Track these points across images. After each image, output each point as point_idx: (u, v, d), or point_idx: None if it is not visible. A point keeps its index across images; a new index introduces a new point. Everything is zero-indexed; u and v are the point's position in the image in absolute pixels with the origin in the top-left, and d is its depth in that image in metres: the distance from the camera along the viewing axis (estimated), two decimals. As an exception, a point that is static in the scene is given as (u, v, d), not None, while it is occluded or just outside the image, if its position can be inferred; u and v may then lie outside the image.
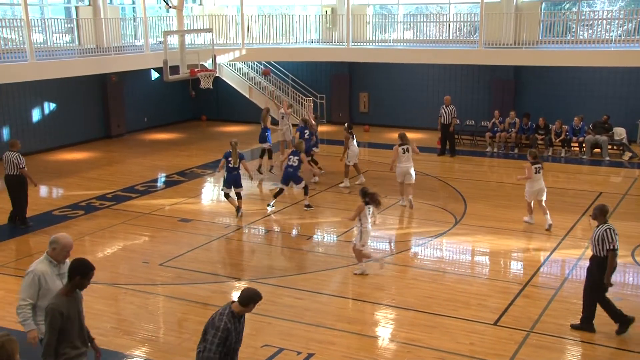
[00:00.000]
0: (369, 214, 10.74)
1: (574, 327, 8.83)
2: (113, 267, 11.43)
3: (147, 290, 10.34)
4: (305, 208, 14.36)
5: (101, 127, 22.85)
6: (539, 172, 13.10)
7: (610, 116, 19.57)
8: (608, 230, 8.43)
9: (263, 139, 17.53)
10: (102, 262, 11.71)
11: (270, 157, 17.94)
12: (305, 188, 14.46)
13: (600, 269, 8.51)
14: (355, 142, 16.20)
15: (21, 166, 13.00)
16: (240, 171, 13.88)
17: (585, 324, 8.77)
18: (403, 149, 14.32)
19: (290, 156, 14.38)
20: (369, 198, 10.66)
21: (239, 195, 13.97)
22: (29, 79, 17.92)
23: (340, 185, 16.23)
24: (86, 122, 22.21)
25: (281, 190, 14.49)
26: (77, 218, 14.06)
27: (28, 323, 6.34)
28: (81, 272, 5.77)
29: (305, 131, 16.79)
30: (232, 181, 13.81)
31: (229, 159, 13.72)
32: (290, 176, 14.34)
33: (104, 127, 22.90)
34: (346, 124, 16.60)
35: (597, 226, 8.64)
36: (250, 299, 6.15)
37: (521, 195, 15.49)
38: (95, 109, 22.55)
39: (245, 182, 14.26)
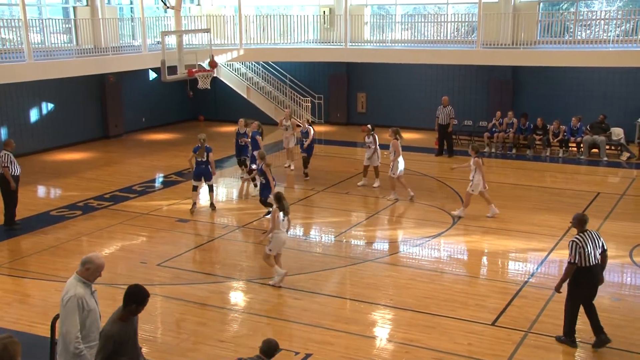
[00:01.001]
0: (282, 220, 10.28)
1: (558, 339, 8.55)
2: (111, 267, 11.38)
3: (145, 291, 10.32)
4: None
5: (99, 128, 22.82)
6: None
7: (607, 116, 19.59)
8: (572, 242, 8.15)
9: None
10: (100, 262, 11.70)
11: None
12: (210, 186, 14.40)
13: (572, 278, 8.27)
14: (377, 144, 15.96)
15: (4, 165, 12.80)
16: (209, 165, 14.17)
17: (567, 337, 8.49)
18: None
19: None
20: (280, 205, 10.20)
21: (210, 187, 14.40)
22: (27, 79, 17.89)
23: (374, 185, 16.10)
24: (84, 122, 22.19)
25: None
26: (74, 218, 14.04)
27: (84, 355, 6.01)
28: (138, 301, 5.87)
29: (258, 137, 15.76)
30: (201, 174, 14.18)
31: (197, 152, 14.18)
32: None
33: (102, 128, 22.88)
34: (369, 125, 16.27)
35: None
36: (274, 349, 6.53)
37: (520, 196, 15.55)
38: (93, 109, 22.52)
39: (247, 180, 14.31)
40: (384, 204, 14.75)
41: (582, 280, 8.22)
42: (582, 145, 19.44)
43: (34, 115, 20.63)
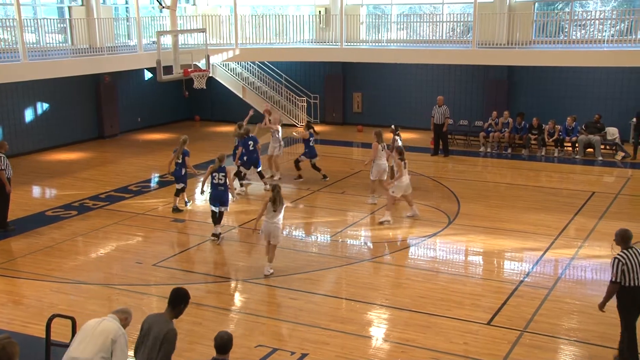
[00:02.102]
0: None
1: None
2: (106, 267, 11.40)
3: (140, 291, 10.32)
4: (214, 238, 12.53)
5: (94, 128, 22.77)
6: (406, 167, 13.60)
7: (602, 115, 19.64)
8: (615, 259, 7.62)
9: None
10: (95, 262, 11.69)
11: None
12: (221, 214, 12.73)
13: (619, 301, 7.74)
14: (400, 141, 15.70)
15: (0, 168, 12.63)
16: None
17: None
18: (382, 146, 14.31)
19: (215, 173, 12.48)
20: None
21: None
22: (22, 79, 17.86)
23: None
24: (79, 122, 22.13)
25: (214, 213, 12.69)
26: (70, 218, 14.01)
27: None
28: (186, 301, 6.32)
29: (250, 142, 15.51)
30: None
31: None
32: (219, 195, 12.54)
33: (97, 128, 22.83)
34: (392, 126, 16.07)
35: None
36: (227, 342, 6.09)
37: (515, 195, 15.58)
38: (88, 109, 22.47)
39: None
40: (380, 204, 14.75)
41: (627, 302, 7.65)
42: (577, 145, 19.49)
43: (29, 115, 20.56)
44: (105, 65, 19.83)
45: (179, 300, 6.26)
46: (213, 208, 12.56)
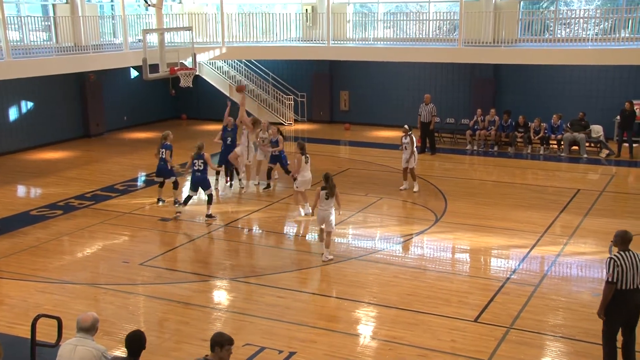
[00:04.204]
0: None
1: None
2: (92, 267, 11.33)
3: (127, 290, 10.27)
4: (207, 218, 13.67)
5: (80, 126, 22.61)
6: (308, 162, 13.77)
7: (586, 113, 19.79)
8: (610, 259, 7.45)
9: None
10: (82, 262, 11.62)
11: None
12: (210, 196, 13.81)
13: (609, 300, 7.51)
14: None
15: None
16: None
17: None
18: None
19: (195, 160, 13.63)
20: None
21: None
22: (6, 77, 17.63)
23: (414, 190, 15.53)
24: (65, 121, 21.97)
25: (189, 197, 13.93)
26: (55, 218, 13.90)
27: None
28: (144, 342, 5.97)
29: (228, 138, 15.86)
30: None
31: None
32: (198, 181, 13.72)
33: (83, 126, 22.67)
34: (406, 125, 15.75)
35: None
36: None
37: (501, 193, 15.66)
38: (73, 107, 22.31)
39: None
40: (367, 202, 14.77)
41: (619, 302, 7.44)
42: (562, 143, 19.63)
43: (13, 114, 20.38)
44: (91, 64, 19.67)
45: (138, 344, 5.87)
46: (191, 193, 13.84)
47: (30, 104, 20.90)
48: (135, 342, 5.87)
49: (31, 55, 18.02)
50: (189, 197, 13.95)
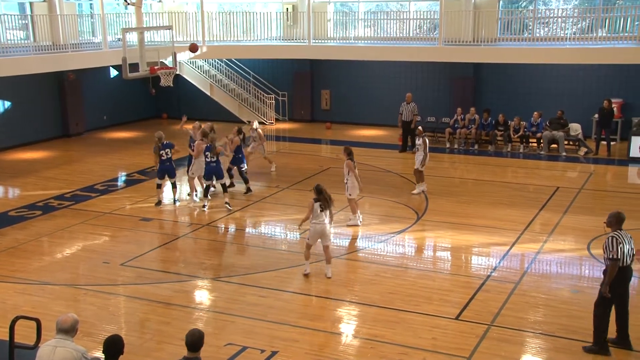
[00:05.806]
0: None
1: (586, 349, 8.15)
2: (72, 268, 11.23)
3: (108, 291, 10.19)
4: (226, 205, 14.34)
5: (59, 126, 22.38)
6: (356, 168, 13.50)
7: (565, 112, 20.00)
8: (611, 237, 7.75)
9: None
10: (62, 263, 11.51)
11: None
12: (224, 185, 14.64)
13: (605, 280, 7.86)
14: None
15: None
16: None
17: (598, 346, 8.08)
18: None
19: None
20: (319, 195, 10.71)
21: (174, 184, 14.73)
22: (-18, 76, 17.46)
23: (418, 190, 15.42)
24: (43, 120, 21.74)
25: (208, 187, 14.55)
26: (34, 218, 13.76)
27: None
28: (122, 347, 5.90)
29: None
30: (164, 172, 14.50)
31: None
32: (212, 170, 14.40)
33: (62, 126, 22.45)
34: (419, 127, 15.75)
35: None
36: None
37: (482, 191, 15.78)
38: (52, 107, 22.08)
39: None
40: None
41: (619, 279, 7.77)
42: (542, 141, 19.82)
43: (-10, 113, 20.14)
44: (70, 63, 19.48)
45: (115, 349, 5.83)
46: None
47: (7, 104, 20.65)
48: (112, 346, 5.84)
49: (8, 54, 17.79)
50: (207, 187, 14.47)
